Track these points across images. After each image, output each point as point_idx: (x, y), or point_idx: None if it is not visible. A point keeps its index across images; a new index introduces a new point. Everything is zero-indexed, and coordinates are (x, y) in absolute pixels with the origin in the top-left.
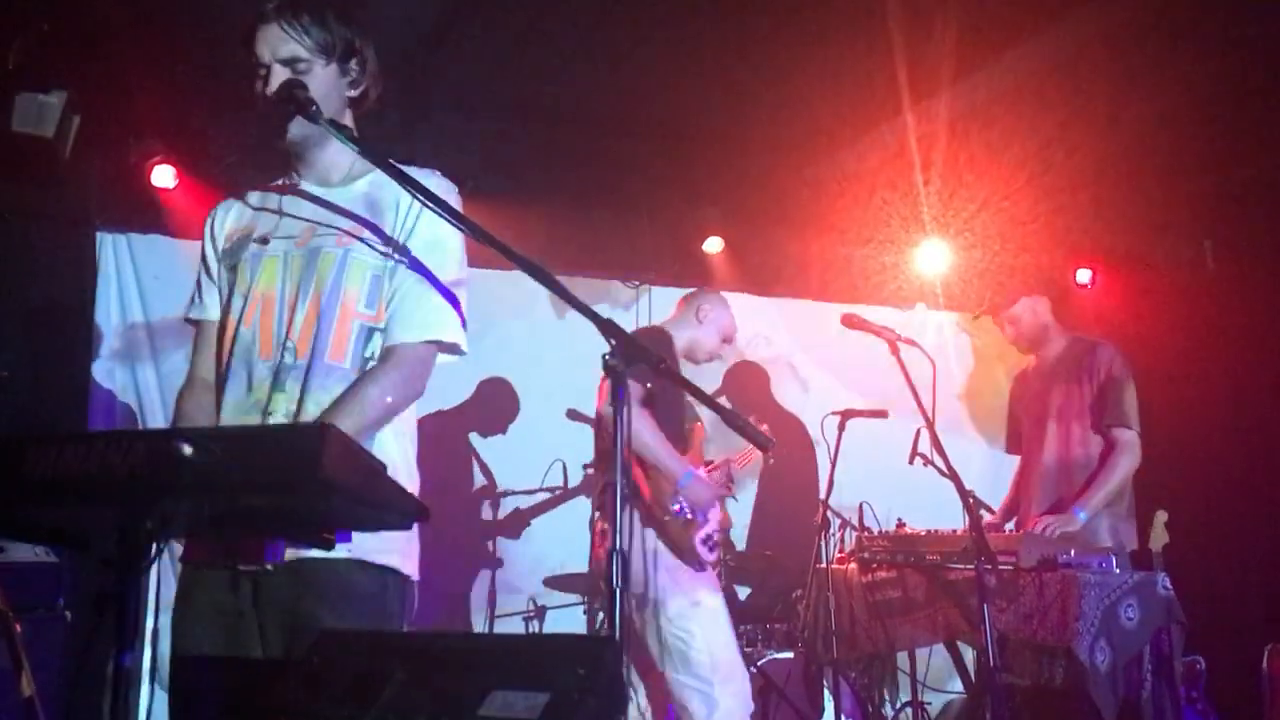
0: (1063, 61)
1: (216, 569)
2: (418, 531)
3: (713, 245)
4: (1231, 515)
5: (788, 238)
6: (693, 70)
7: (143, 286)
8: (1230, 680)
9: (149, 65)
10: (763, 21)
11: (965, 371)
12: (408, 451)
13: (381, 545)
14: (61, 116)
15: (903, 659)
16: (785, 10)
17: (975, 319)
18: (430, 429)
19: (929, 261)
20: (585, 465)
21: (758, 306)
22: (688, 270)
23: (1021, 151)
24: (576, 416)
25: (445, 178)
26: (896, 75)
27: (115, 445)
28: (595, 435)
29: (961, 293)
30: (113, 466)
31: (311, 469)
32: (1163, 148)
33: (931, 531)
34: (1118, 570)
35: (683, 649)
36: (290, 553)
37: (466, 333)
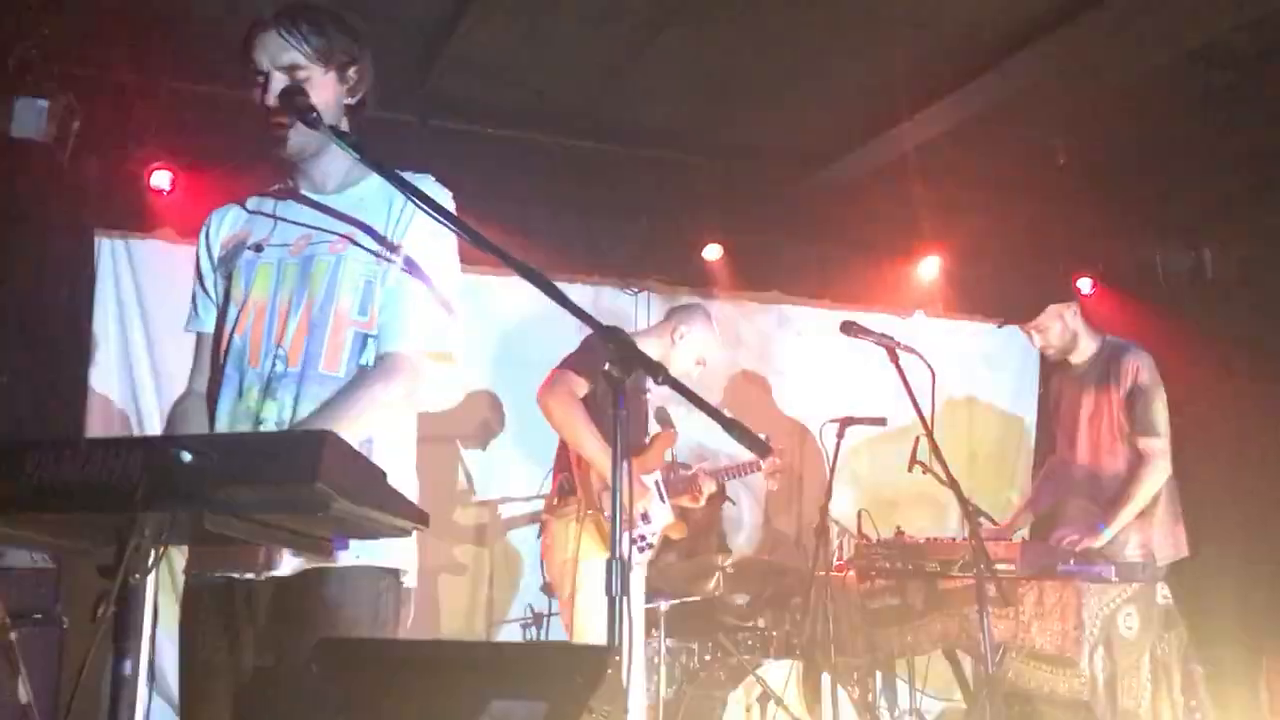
0: (1060, 70)
1: (216, 578)
2: (416, 537)
3: (712, 252)
4: (1232, 525)
5: (787, 245)
6: (694, 78)
7: (141, 291)
8: (1230, 689)
9: (148, 70)
10: (763, 30)
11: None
12: (407, 459)
13: (378, 552)
14: (60, 121)
15: (901, 667)
16: (785, 20)
17: (999, 328)
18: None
19: (928, 269)
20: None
21: (757, 312)
22: (687, 276)
23: (1021, 158)
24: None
25: (440, 183)
26: (895, 84)
27: (113, 452)
28: None
29: (961, 300)
30: (111, 473)
31: (310, 476)
32: (1162, 156)
33: (930, 539)
34: (1116, 579)
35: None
36: (288, 560)
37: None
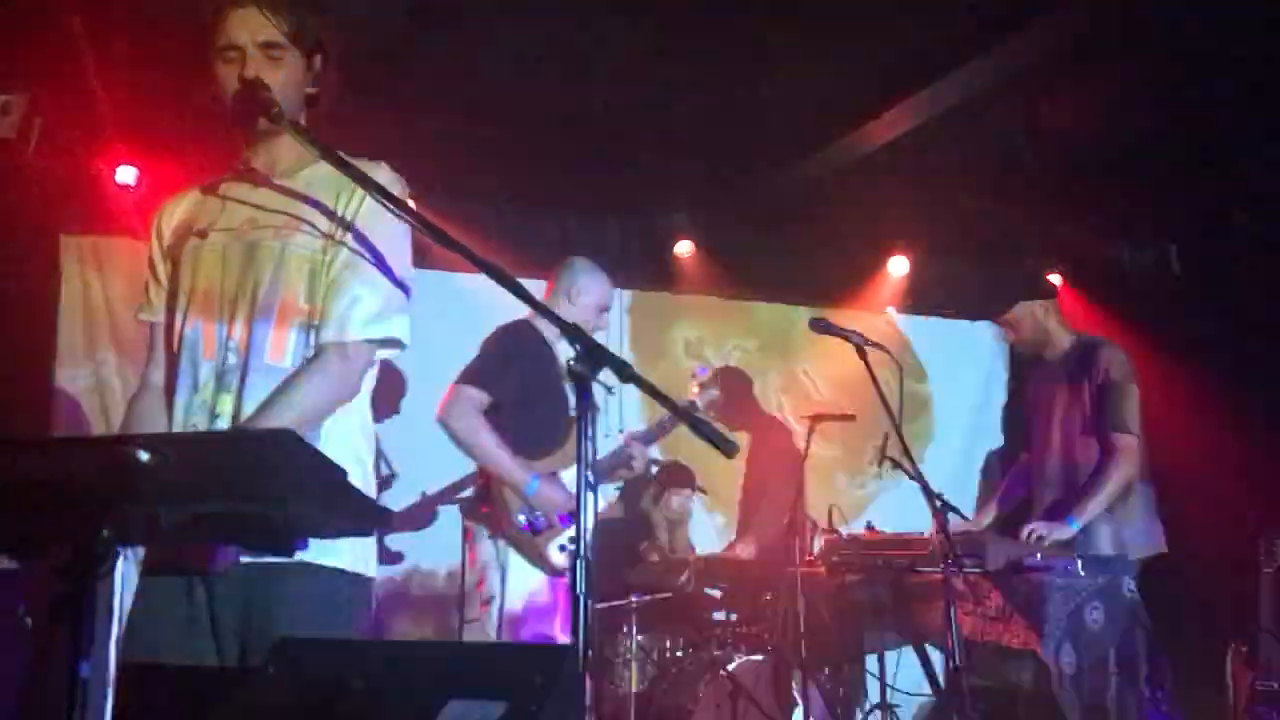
0: (1028, 67)
1: (171, 575)
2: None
3: (682, 249)
4: (1197, 518)
5: (757, 242)
6: (663, 74)
7: (108, 289)
8: (1196, 682)
9: (112, 66)
10: (733, 27)
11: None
12: (364, 454)
13: (337, 550)
14: (23, 118)
15: (873, 662)
16: (754, 16)
17: (972, 324)
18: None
19: (899, 266)
20: None
21: (727, 310)
22: (657, 273)
23: (989, 155)
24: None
25: (391, 169)
26: (863, 82)
27: (71, 451)
28: None
29: (931, 297)
30: (68, 472)
31: (269, 476)
32: (1128, 153)
33: (899, 535)
34: (1082, 573)
35: None
36: (246, 559)
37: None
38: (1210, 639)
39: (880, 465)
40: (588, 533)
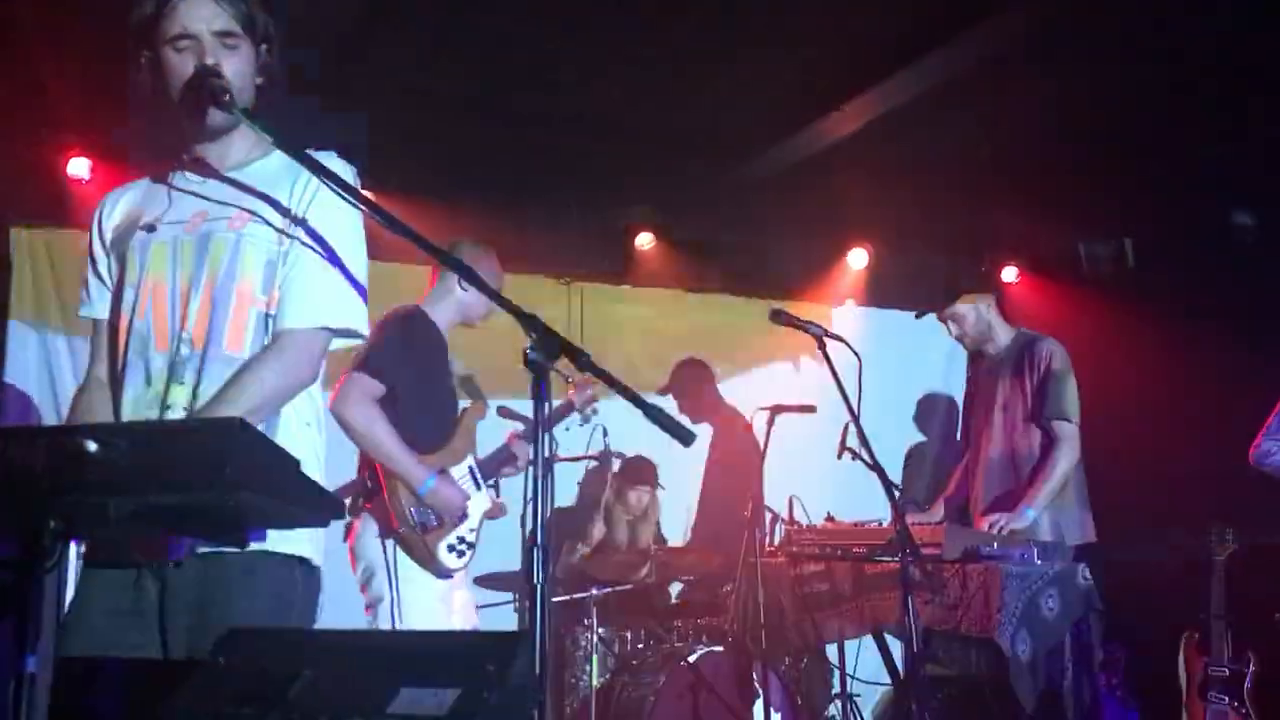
0: (984, 62)
1: (118, 567)
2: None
3: (643, 240)
4: (1151, 507)
5: (718, 235)
6: (623, 67)
7: (59, 282)
8: (1151, 669)
9: (62, 56)
10: (692, 20)
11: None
12: (316, 443)
13: (288, 539)
14: None
15: (833, 652)
16: (714, 9)
17: (918, 318)
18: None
19: (858, 258)
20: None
21: (689, 302)
22: (618, 266)
23: (946, 149)
24: (509, 415)
25: (342, 158)
26: (823, 76)
27: (16, 442)
28: None
29: (890, 290)
30: (14, 463)
31: (220, 466)
32: (1083, 148)
33: (858, 525)
34: (1039, 562)
35: None
36: (197, 549)
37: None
38: (1163, 627)
39: (840, 456)
40: (543, 520)
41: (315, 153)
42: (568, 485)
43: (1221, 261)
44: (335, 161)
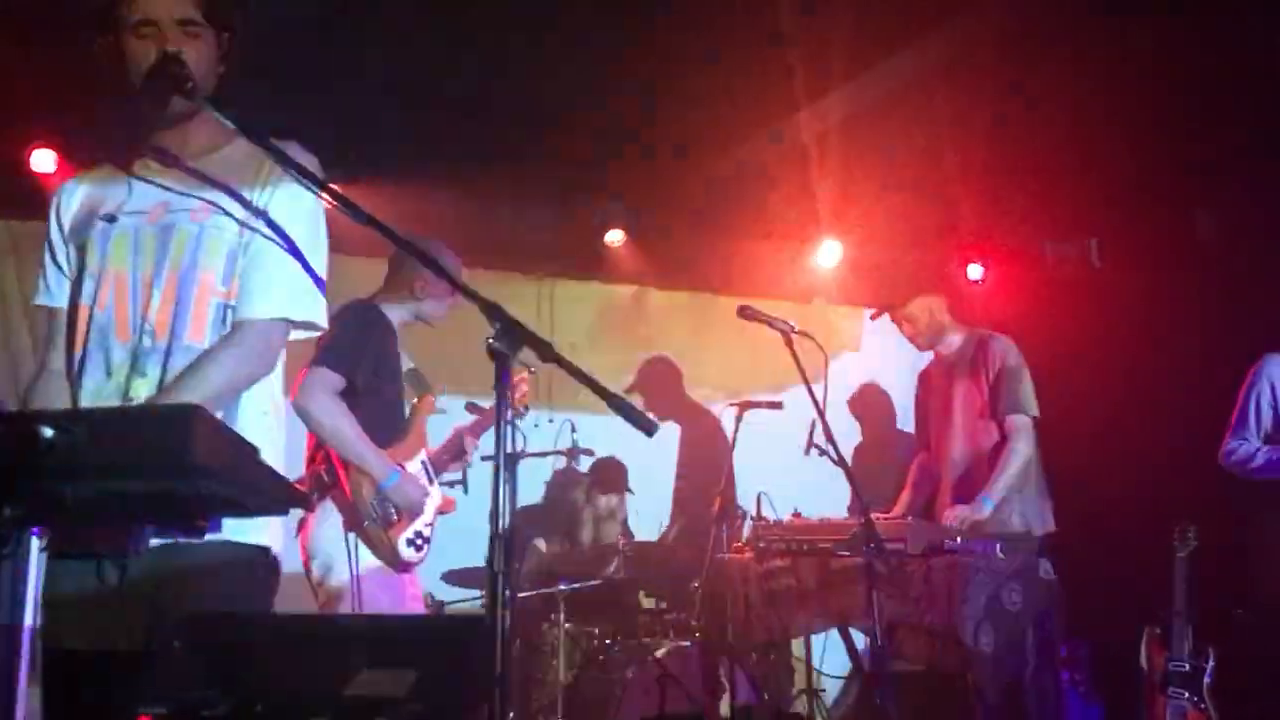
0: (951, 62)
1: (79, 558)
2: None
3: (614, 237)
4: (1114, 503)
5: (688, 232)
6: (594, 64)
7: (22, 274)
8: (1114, 664)
9: (25, 47)
10: (663, 18)
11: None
12: (275, 433)
13: (247, 529)
14: None
15: (799, 647)
16: (685, 8)
17: (873, 318)
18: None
19: (826, 257)
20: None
21: (659, 299)
22: (589, 263)
23: (913, 149)
24: (476, 410)
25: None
26: (791, 74)
27: None
28: None
29: (858, 288)
30: None
31: (179, 452)
32: (1049, 147)
33: (824, 520)
34: (1001, 555)
35: None
36: (155, 540)
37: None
38: (1126, 623)
39: (807, 453)
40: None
41: (277, 142)
42: (535, 484)
43: (1184, 261)
44: (298, 150)
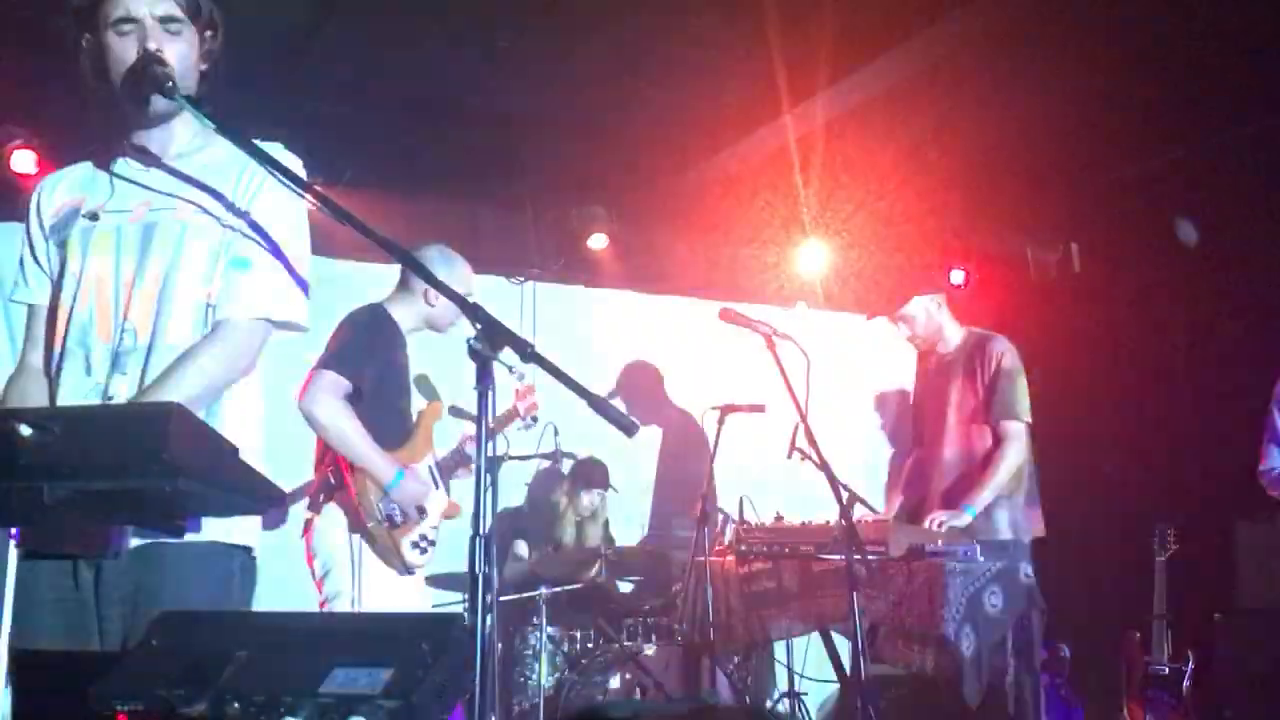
0: (933, 66)
1: (56, 558)
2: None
3: (597, 241)
4: (1095, 506)
5: (672, 236)
6: (578, 69)
7: (2, 279)
8: (1094, 667)
9: (4, 47)
10: (646, 22)
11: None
12: (254, 433)
13: (225, 528)
14: None
15: (781, 650)
16: (667, 11)
17: (869, 320)
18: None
19: (809, 261)
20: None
21: (643, 303)
22: (572, 267)
23: (896, 153)
24: (459, 414)
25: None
26: (775, 78)
27: None
28: None
29: (841, 292)
30: None
31: (156, 450)
32: (1031, 152)
33: (806, 523)
34: (981, 559)
35: None
36: (134, 539)
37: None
38: (1106, 625)
39: (790, 456)
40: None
41: (261, 143)
42: (517, 486)
43: (1165, 265)
44: (282, 152)
